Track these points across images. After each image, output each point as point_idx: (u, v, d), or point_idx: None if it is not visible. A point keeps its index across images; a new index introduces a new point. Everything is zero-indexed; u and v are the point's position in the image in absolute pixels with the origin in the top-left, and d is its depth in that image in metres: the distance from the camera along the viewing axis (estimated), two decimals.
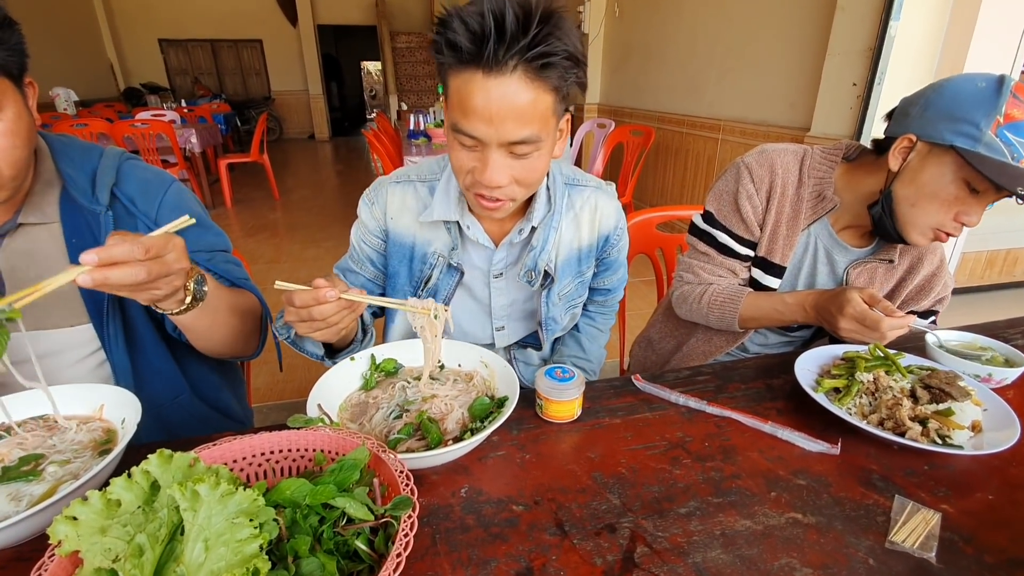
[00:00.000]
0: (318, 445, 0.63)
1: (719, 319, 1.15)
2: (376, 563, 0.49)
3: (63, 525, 0.46)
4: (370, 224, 1.05)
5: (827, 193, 1.08)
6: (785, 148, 1.12)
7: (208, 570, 0.42)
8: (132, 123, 4.90)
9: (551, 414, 0.83)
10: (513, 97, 0.75)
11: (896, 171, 0.97)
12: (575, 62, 0.76)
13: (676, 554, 0.61)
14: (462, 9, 0.73)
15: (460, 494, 0.70)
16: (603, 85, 5.72)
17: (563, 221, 1.04)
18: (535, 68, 0.74)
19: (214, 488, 0.45)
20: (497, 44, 0.71)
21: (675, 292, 1.23)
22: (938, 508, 0.68)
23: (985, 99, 0.85)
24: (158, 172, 0.99)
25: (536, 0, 0.72)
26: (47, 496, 0.63)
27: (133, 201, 0.93)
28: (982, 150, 0.85)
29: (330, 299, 0.71)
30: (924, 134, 0.92)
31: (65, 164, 0.90)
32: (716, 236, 1.16)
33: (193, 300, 0.79)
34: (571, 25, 0.76)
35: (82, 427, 0.75)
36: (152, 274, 0.66)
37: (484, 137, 0.78)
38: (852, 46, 2.67)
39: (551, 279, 1.05)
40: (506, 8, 0.70)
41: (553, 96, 0.78)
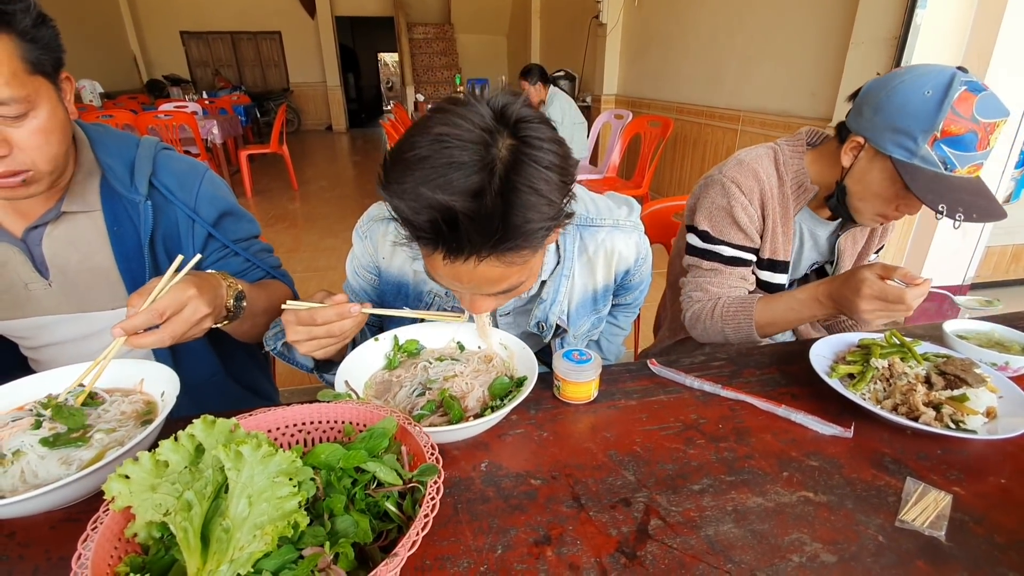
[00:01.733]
0: (347, 417, 0.66)
1: (735, 330, 1.11)
2: (404, 524, 0.52)
3: (117, 482, 0.50)
4: (363, 259, 1.00)
5: (806, 183, 1.13)
6: (758, 153, 1.16)
7: (252, 523, 0.45)
8: (156, 114, 5.02)
9: (568, 395, 0.86)
10: (484, 275, 0.67)
11: (848, 167, 1.04)
12: (557, 214, 0.66)
13: (689, 527, 0.64)
14: (404, 208, 0.61)
15: (480, 468, 0.73)
16: (621, 76, 5.68)
17: (575, 266, 0.97)
18: (506, 254, 0.65)
19: (256, 449, 0.48)
20: (454, 243, 0.61)
21: (686, 313, 1.20)
22: (950, 490, 0.69)
23: (926, 113, 0.89)
24: (192, 162, 1.03)
25: (486, 178, 0.59)
26: (95, 461, 0.67)
27: (171, 191, 0.97)
28: (917, 162, 0.92)
29: (353, 313, 0.72)
30: (871, 139, 0.98)
31: (103, 154, 0.94)
32: (720, 251, 1.16)
33: (231, 318, 0.86)
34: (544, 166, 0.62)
35: (123, 399, 0.79)
36: (176, 335, 0.74)
37: (461, 291, 0.74)
38: (877, 34, 2.62)
39: (563, 330, 1.01)
40: (456, 214, 0.58)
41: (532, 252, 0.68)
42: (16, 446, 0.69)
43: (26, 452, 0.68)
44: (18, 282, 0.91)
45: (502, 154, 0.61)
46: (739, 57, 3.76)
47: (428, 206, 0.59)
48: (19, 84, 0.73)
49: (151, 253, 0.94)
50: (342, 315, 0.72)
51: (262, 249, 1.11)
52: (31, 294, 0.92)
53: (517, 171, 0.60)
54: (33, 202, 0.88)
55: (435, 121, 0.62)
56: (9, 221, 0.89)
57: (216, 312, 0.81)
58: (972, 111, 0.87)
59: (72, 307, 0.94)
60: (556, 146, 0.65)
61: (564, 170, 0.65)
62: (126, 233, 0.93)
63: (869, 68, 2.67)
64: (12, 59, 0.72)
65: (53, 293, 0.93)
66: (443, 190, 0.58)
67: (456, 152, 0.59)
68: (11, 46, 0.72)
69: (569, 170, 0.67)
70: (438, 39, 11.38)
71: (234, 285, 0.87)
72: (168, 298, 0.74)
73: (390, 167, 0.64)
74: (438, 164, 0.59)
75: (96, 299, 0.95)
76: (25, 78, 0.74)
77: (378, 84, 16.51)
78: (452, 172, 0.59)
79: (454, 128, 0.61)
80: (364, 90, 15.27)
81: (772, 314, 1.09)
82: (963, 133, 0.87)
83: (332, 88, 11.62)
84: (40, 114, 0.77)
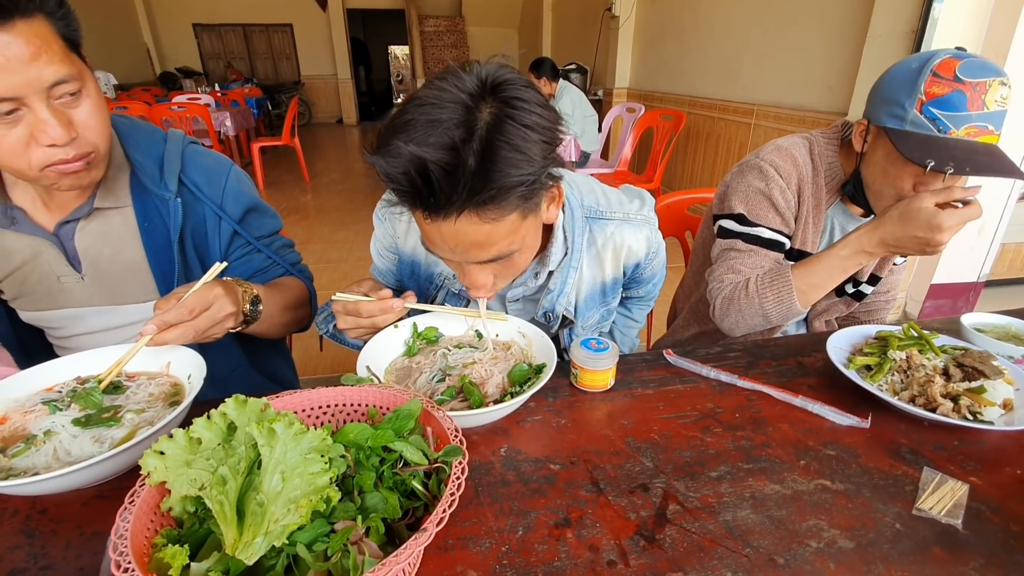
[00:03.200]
0: (371, 400, 0.67)
1: (776, 302, 1.05)
2: (430, 502, 0.53)
3: (152, 458, 0.52)
4: (385, 240, 1.04)
5: (839, 175, 1.13)
6: (794, 141, 1.15)
7: (286, 498, 0.47)
8: (169, 106, 5.06)
9: (585, 383, 0.86)
10: (467, 234, 0.68)
11: (861, 152, 1.04)
12: (537, 173, 0.65)
13: (707, 512, 0.65)
14: (383, 164, 0.64)
15: (500, 453, 0.74)
16: (633, 69, 5.65)
17: (583, 259, 0.97)
18: (484, 209, 0.65)
19: (288, 427, 0.49)
20: (431, 199, 0.63)
21: (717, 300, 1.14)
22: (966, 480, 0.70)
23: (910, 80, 0.92)
24: (218, 157, 1.04)
25: (463, 135, 0.61)
26: (126, 440, 0.69)
27: (199, 187, 0.97)
28: (908, 127, 0.93)
29: (396, 308, 0.78)
30: (872, 118, 1.00)
31: (132, 149, 0.94)
32: (759, 233, 1.12)
33: (248, 321, 0.89)
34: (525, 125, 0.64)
35: (150, 381, 0.81)
36: (200, 330, 0.78)
37: (454, 258, 0.75)
38: (894, 28, 2.59)
39: (570, 321, 1.02)
40: (427, 164, 0.60)
41: (516, 212, 0.69)
42: (47, 426, 0.71)
43: (58, 432, 0.70)
44: (51, 275, 0.93)
45: (483, 115, 0.63)
46: (754, 50, 3.73)
47: (402, 159, 0.61)
48: (70, 61, 0.75)
49: (180, 249, 0.96)
50: (384, 309, 0.78)
51: (284, 245, 1.13)
52: (63, 287, 0.94)
53: (496, 128, 0.62)
54: (67, 197, 0.89)
55: (423, 89, 0.66)
56: (42, 216, 0.91)
57: (238, 312, 0.84)
58: (954, 72, 0.88)
59: (103, 300, 0.96)
60: (540, 108, 0.66)
61: (547, 131, 0.66)
62: (156, 229, 0.95)
63: (886, 62, 2.63)
64: (55, 36, 0.73)
65: (85, 286, 0.95)
66: (417, 143, 0.61)
67: (437, 111, 0.62)
68: (48, 24, 0.73)
69: (554, 132, 0.68)
70: (449, 32, 11.34)
71: (249, 290, 0.89)
72: (196, 296, 0.78)
73: (380, 135, 0.67)
74: (419, 124, 0.62)
75: (126, 292, 0.96)
76: (69, 55, 0.75)
77: (388, 77, 16.51)
78: (432, 129, 0.61)
79: (439, 92, 0.64)
80: (374, 83, 15.27)
81: (813, 276, 1.04)
82: (948, 93, 0.88)
83: (343, 81, 11.64)
84: (91, 91, 0.79)
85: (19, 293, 0.94)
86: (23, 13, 0.69)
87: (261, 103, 8.61)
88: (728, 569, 0.57)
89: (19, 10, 0.69)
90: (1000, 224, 2.83)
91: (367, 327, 0.82)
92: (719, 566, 0.58)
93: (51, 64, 0.72)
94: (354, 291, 0.84)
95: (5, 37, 0.68)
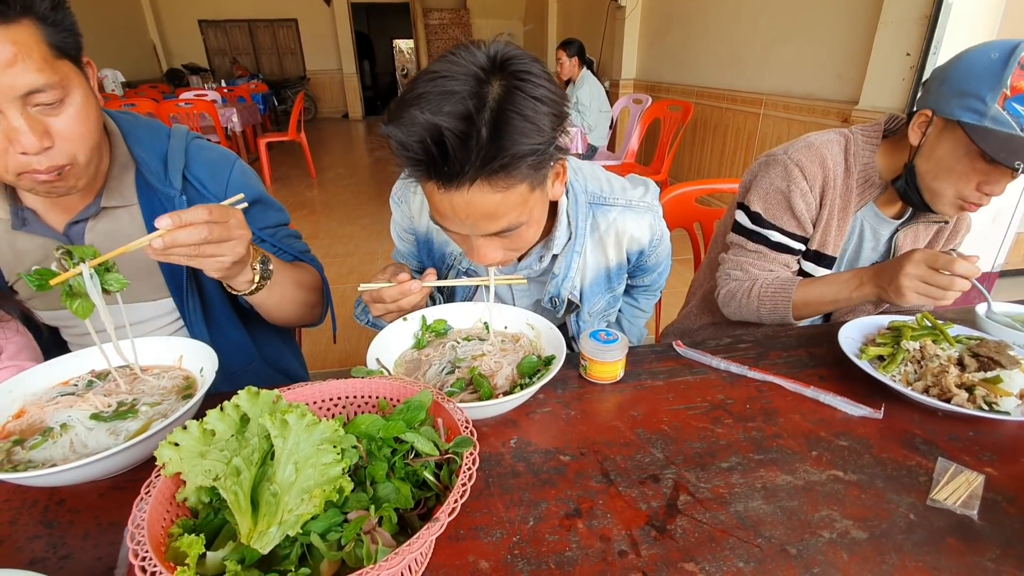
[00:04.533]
0: (381, 392, 0.68)
1: (771, 311, 1.09)
2: (442, 492, 0.54)
3: (167, 450, 0.52)
4: (402, 223, 1.06)
5: (873, 178, 1.08)
6: (829, 138, 1.11)
7: (299, 488, 0.47)
8: (177, 103, 5.08)
9: (595, 375, 0.86)
10: (478, 205, 0.69)
11: (917, 145, 0.99)
12: (546, 144, 0.68)
13: (718, 503, 0.64)
14: (397, 133, 0.65)
15: (510, 444, 0.75)
16: (640, 59, 5.60)
17: (587, 244, 0.99)
18: (496, 178, 0.67)
19: (301, 418, 0.50)
20: (445, 167, 0.65)
21: (721, 290, 1.18)
22: (982, 471, 0.69)
23: (992, 72, 0.86)
24: (222, 152, 1.03)
25: (476, 104, 0.63)
26: (141, 432, 0.69)
27: (203, 183, 0.97)
28: (988, 124, 0.87)
29: (415, 290, 0.80)
30: (939, 109, 0.94)
31: (136, 146, 0.94)
32: (768, 235, 1.13)
33: (261, 279, 0.86)
34: (534, 97, 0.66)
35: (163, 375, 0.82)
36: (214, 234, 0.72)
37: (461, 230, 0.76)
38: (906, 14, 2.55)
39: (577, 306, 1.03)
40: (442, 132, 0.62)
41: (525, 183, 0.71)
42: (64, 419, 0.72)
43: (74, 425, 0.71)
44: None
45: (494, 87, 0.65)
46: (763, 38, 3.68)
47: (418, 127, 0.63)
48: (51, 69, 0.73)
49: None
50: (404, 292, 0.81)
51: (289, 235, 1.13)
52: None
53: (507, 99, 0.64)
54: (73, 197, 0.89)
55: (436, 64, 0.68)
56: (51, 216, 0.91)
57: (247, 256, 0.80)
58: None
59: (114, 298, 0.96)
60: (547, 83, 0.68)
61: (555, 103, 0.68)
62: None
63: (898, 49, 2.60)
64: (40, 44, 0.71)
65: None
66: (433, 112, 0.63)
67: (450, 83, 0.64)
68: (34, 31, 0.71)
69: (561, 106, 0.70)
70: (454, 25, 11.30)
71: (259, 249, 0.88)
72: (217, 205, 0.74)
73: (394, 107, 0.68)
74: (432, 95, 0.64)
75: (137, 290, 0.96)
76: (54, 62, 0.73)
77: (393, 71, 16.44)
78: (445, 100, 0.63)
79: (451, 65, 0.66)
80: (379, 77, 15.24)
81: (809, 296, 1.07)
82: None
83: (348, 76, 11.63)
84: (75, 100, 0.77)
85: (33, 293, 0.95)
86: (5, 18, 0.68)
87: (267, 99, 8.64)
88: (740, 559, 0.57)
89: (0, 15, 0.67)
90: (1016, 212, 2.78)
91: (393, 311, 0.85)
92: (731, 556, 0.58)
93: (27, 73, 0.70)
94: (378, 279, 0.86)
95: None
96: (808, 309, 1.08)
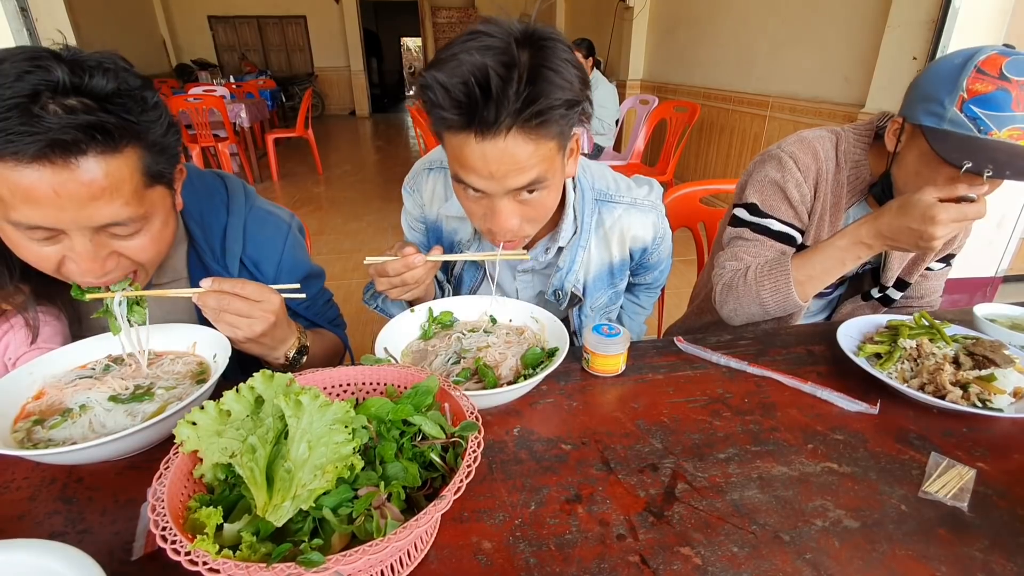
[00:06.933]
0: (389, 380, 0.70)
1: (773, 292, 1.05)
2: (448, 473, 0.56)
3: (185, 428, 0.55)
4: (414, 212, 1.09)
5: (864, 176, 1.09)
6: (821, 134, 1.12)
7: (312, 465, 0.49)
8: (186, 98, 5.11)
9: (597, 368, 0.88)
10: (512, 154, 0.72)
11: (893, 152, 1.00)
12: (574, 104, 0.73)
13: (715, 491, 0.66)
14: (442, 76, 0.69)
15: (513, 433, 0.77)
16: (647, 60, 5.61)
17: (592, 239, 1.02)
18: (530, 126, 0.71)
19: (314, 399, 0.52)
20: (485, 112, 0.68)
21: (718, 286, 1.16)
22: (974, 466, 0.70)
23: (951, 77, 0.87)
24: (276, 224, 0.99)
25: (519, 53, 0.68)
26: (157, 414, 0.72)
27: (257, 266, 0.96)
28: (947, 126, 0.88)
29: (418, 264, 0.81)
30: (907, 115, 0.96)
31: (191, 222, 0.90)
32: (768, 225, 1.12)
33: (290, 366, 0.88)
34: (563, 59, 0.71)
35: (177, 360, 0.85)
36: (238, 309, 0.76)
37: (487, 189, 0.77)
38: (914, 17, 2.55)
39: (580, 300, 1.05)
40: (488, 72, 0.66)
41: (555, 140, 0.75)
42: (83, 400, 0.74)
43: (93, 406, 0.74)
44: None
45: (528, 49, 0.70)
46: (770, 41, 3.69)
47: (465, 68, 0.67)
48: (138, 202, 0.69)
49: None
50: (408, 265, 0.82)
51: (326, 303, 1.11)
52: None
53: (541, 56, 0.70)
54: None
55: (468, 34, 0.72)
56: None
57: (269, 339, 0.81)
58: (1000, 69, 0.83)
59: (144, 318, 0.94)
60: (571, 54, 0.74)
61: (581, 69, 0.74)
62: None
63: (905, 52, 2.60)
64: (135, 175, 0.68)
65: None
66: (478, 55, 0.67)
67: (487, 39, 0.69)
68: (136, 160, 0.68)
69: (584, 74, 0.75)
70: (462, 23, 11.35)
71: (303, 339, 0.89)
72: (255, 283, 0.77)
73: (431, 63, 0.73)
74: (473, 48, 0.68)
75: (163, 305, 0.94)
76: (144, 193, 0.70)
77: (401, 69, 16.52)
78: (485, 52, 0.68)
79: (488, 27, 0.71)
80: (387, 75, 15.30)
81: (811, 267, 1.03)
82: (992, 91, 0.84)
83: (356, 73, 11.67)
84: (153, 226, 0.74)
85: None
86: (107, 148, 0.63)
87: (275, 95, 8.66)
88: (735, 545, 0.59)
89: (98, 144, 0.62)
90: (1020, 218, 2.78)
91: (399, 285, 0.85)
92: (726, 542, 0.59)
93: (110, 206, 0.66)
94: (386, 255, 0.87)
95: (65, 174, 0.61)
96: (812, 284, 1.04)
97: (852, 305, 1.25)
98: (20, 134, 0.59)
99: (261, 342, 0.81)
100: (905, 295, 1.21)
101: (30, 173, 0.61)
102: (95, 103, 0.63)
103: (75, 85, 0.62)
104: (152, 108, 0.69)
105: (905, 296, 1.21)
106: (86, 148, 0.62)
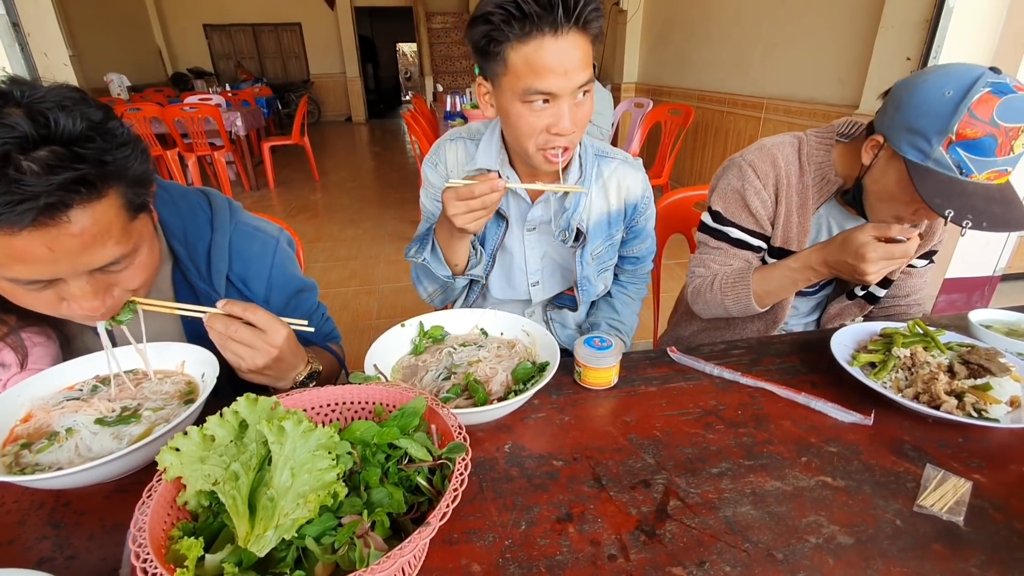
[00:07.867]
0: (377, 398, 0.69)
1: (735, 301, 1.15)
2: (434, 497, 0.55)
3: (168, 454, 0.54)
4: (437, 183, 1.15)
5: (829, 176, 1.11)
6: (781, 140, 1.16)
7: (295, 492, 0.48)
8: (182, 107, 5.11)
9: (589, 381, 0.88)
10: (577, 50, 0.87)
11: (868, 165, 1.01)
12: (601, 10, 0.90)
13: (707, 508, 0.66)
14: None
15: (504, 449, 0.76)
16: (641, 63, 5.62)
17: (593, 188, 1.14)
18: (585, 24, 0.86)
19: (297, 425, 0.51)
20: (563, 10, 0.83)
21: (689, 288, 1.25)
22: (970, 478, 0.70)
23: (942, 115, 0.85)
24: (263, 240, 0.98)
25: None
26: (144, 436, 0.71)
27: (245, 283, 0.95)
28: (931, 164, 0.88)
29: (500, 187, 0.87)
30: (889, 138, 0.95)
31: (174, 240, 0.89)
32: (728, 232, 1.19)
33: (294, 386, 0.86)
34: None
35: (166, 379, 0.84)
36: (242, 336, 0.75)
37: (559, 90, 0.88)
38: (907, 18, 2.55)
39: (584, 238, 1.13)
40: None
41: (596, 39, 0.91)
42: (69, 424, 0.74)
43: (79, 429, 0.73)
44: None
45: None
46: (764, 42, 3.69)
47: None
48: (127, 238, 0.70)
49: None
50: (493, 188, 0.87)
51: (320, 316, 1.10)
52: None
53: None
54: None
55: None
56: None
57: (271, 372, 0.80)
58: (992, 114, 0.82)
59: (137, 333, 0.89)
60: None
61: None
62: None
63: (899, 53, 2.61)
64: (120, 212, 0.67)
65: None
66: None
67: None
68: (118, 198, 0.67)
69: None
70: (457, 28, 11.35)
71: (313, 365, 0.87)
72: (265, 312, 0.76)
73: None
74: None
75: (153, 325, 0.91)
76: (130, 227, 0.70)
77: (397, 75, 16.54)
78: None
79: None
80: (383, 81, 15.31)
81: (769, 283, 1.13)
82: (980, 137, 0.82)
83: (351, 79, 11.69)
84: (142, 254, 0.74)
85: None
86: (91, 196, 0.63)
87: (271, 102, 8.68)
88: (727, 564, 0.58)
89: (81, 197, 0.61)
90: None
91: (476, 209, 0.89)
92: (718, 560, 0.59)
93: (104, 248, 0.67)
94: None
95: (55, 231, 0.61)
96: (771, 297, 1.14)
97: (839, 306, 1.26)
98: (8, 204, 0.57)
99: (265, 374, 0.80)
100: (890, 293, 1.23)
101: (23, 237, 0.60)
102: (67, 151, 0.60)
103: (43, 136, 0.59)
104: (123, 143, 0.67)
105: (891, 295, 1.24)
106: (72, 203, 0.61)
